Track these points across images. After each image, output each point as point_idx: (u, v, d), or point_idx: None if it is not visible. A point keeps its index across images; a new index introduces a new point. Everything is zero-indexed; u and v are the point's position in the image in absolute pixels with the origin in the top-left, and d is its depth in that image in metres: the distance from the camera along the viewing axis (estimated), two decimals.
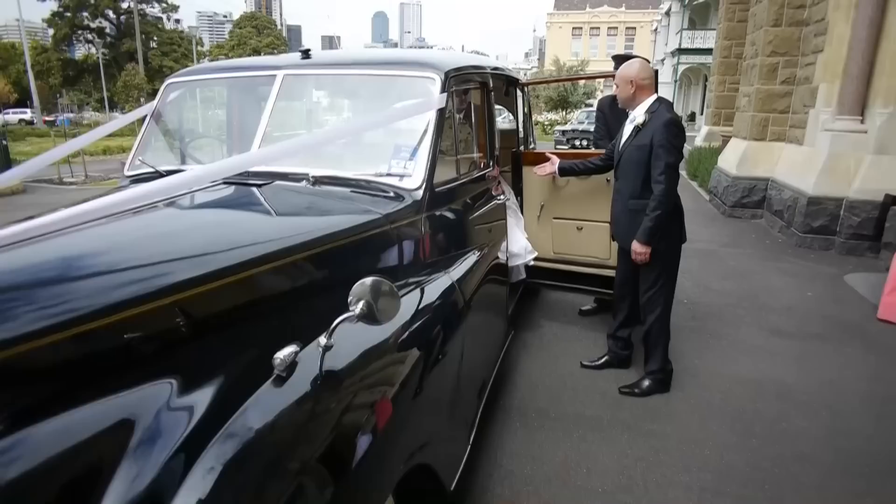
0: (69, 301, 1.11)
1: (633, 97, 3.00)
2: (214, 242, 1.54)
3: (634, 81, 2.95)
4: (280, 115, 2.47)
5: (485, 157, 2.94)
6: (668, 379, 3.29)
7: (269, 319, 1.44)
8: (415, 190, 2.13)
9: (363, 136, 2.44)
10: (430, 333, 1.72)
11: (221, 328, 1.36)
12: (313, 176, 2.17)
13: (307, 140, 2.05)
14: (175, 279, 1.28)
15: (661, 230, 2.92)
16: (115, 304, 1.14)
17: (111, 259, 1.36)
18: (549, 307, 4.52)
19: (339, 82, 2.56)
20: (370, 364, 1.37)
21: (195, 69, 2.73)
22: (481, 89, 2.87)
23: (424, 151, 2.19)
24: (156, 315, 1.20)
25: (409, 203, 2.09)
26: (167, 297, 1.23)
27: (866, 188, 6.01)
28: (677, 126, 2.89)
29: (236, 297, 1.42)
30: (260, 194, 2.02)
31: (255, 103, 2.48)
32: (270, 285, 1.51)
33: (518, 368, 3.47)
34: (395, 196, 2.11)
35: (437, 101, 2.25)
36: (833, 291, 5.06)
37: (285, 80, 2.43)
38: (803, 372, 3.51)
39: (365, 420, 1.24)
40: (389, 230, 1.96)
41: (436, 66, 2.35)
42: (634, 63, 3.02)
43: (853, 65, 6.12)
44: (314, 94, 2.71)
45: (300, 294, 1.59)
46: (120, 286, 1.20)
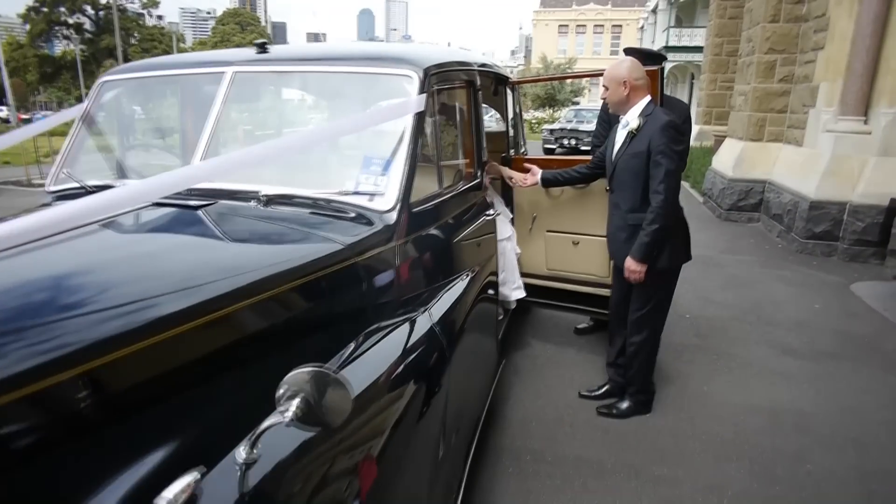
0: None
1: (626, 100, 2.67)
2: (113, 294, 1.16)
3: (628, 82, 2.62)
4: (230, 121, 2.10)
5: (472, 166, 2.58)
6: (650, 400, 3.04)
7: (177, 405, 1.07)
8: (387, 212, 1.77)
9: (326, 147, 2.06)
10: (402, 399, 1.37)
11: (116, 421, 0.99)
12: (265, 195, 1.80)
13: (257, 152, 1.68)
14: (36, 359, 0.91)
15: (660, 246, 2.61)
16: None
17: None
18: (541, 325, 4.18)
19: (300, 81, 2.18)
20: (312, 470, 1.01)
21: (133, 65, 2.34)
22: (467, 89, 2.51)
23: (399, 164, 1.83)
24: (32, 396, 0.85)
25: (380, 228, 1.73)
26: (37, 376, 0.87)
27: (871, 192, 5.74)
28: (676, 129, 2.57)
29: (136, 373, 1.05)
30: (193, 221, 1.64)
31: (201, 106, 2.10)
32: (181, 354, 1.13)
33: (509, 400, 3.12)
34: (362, 220, 1.75)
35: (415, 103, 1.89)
36: (841, 303, 4.78)
37: (236, 78, 2.05)
38: (821, 398, 3.21)
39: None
40: (354, 264, 1.60)
41: (413, 63, 1.98)
42: (625, 62, 2.69)
43: (857, 62, 5.84)
44: (271, 96, 2.33)
45: (226, 363, 1.22)
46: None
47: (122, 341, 1.02)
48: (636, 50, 3.34)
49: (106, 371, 0.98)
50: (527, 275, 3.51)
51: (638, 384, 2.98)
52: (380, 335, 1.53)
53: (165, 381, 1.09)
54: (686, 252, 2.78)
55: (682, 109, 3.50)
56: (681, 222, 2.74)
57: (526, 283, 3.44)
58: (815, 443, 2.77)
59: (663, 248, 2.64)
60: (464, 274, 2.19)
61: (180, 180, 1.55)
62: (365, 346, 1.46)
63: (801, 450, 2.72)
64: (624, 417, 2.96)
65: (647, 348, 2.90)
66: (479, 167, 2.59)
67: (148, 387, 1.08)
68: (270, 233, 1.65)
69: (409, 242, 1.82)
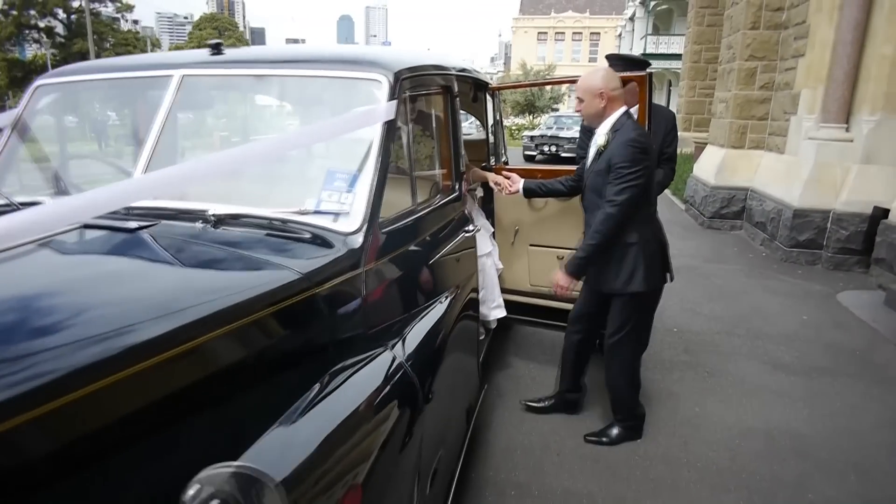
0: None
1: (602, 112, 2.47)
2: (30, 342, 0.94)
3: (605, 93, 2.43)
4: (177, 130, 1.88)
5: (449, 178, 2.38)
6: (640, 424, 2.87)
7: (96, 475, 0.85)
8: (353, 233, 1.56)
9: (285, 160, 1.85)
10: (371, 450, 1.17)
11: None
12: (214, 214, 1.59)
13: (205, 165, 1.47)
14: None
15: (631, 267, 2.45)
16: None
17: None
18: (524, 342, 3.98)
19: (258, 86, 1.96)
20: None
21: (72, 68, 2.10)
22: (444, 95, 2.32)
23: (367, 179, 1.63)
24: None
25: (344, 253, 1.52)
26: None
27: (854, 200, 5.69)
28: (640, 147, 2.36)
29: (31, 444, 0.83)
30: (126, 246, 1.42)
31: (145, 114, 1.87)
32: (90, 420, 0.91)
33: (492, 426, 2.92)
34: (324, 243, 1.54)
35: (385, 110, 1.69)
36: (829, 314, 4.68)
37: (185, 82, 1.83)
38: (817, 418, 3.06)
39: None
40: (314, 296, 1.39)
41: (383, 66, 1.78)
42: (599, 71, 2.51)
43: (838, 69, 5.80)
44: (225, 102, 2.11)
45: (152, 424, 1.00)
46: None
47: (12, 408, 0.81)
48: (619, 56, 3.19)
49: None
50: (509, 291, 3.33)
51: (623, 412, 2.82)
52: (340, 379, 1.32)
53: (61, 460, 0.87)
54: (663, 275, 2.59)
55: (668, 118, 3.41)
56: (657, 243, 2.54)
57: (508, 300, 3.26)
58: (814, 469, 2.62)
59: (636, 270, 2.46)
60: (441, 297, 1.99)
61: (117, 198, 1.33)
62: (323, 393, 1.26)
63: (802, 477, 2.56)
64: (613, 444, 2.78)
65: (625, 376, 2.74)
66: (457, 179, 2.40)
67: (43, 462, 0.86)
68: (217, 260, 1.43)
69: (379, 267, 1.62)
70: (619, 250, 2.47)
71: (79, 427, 0.89)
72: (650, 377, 3.48)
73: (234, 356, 1.21)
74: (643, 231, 2.48)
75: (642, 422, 2.87)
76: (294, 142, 1.63)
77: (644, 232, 2.48)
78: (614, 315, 2.62)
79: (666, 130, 3.40)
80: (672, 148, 3.49)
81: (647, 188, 2.44)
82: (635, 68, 3.02)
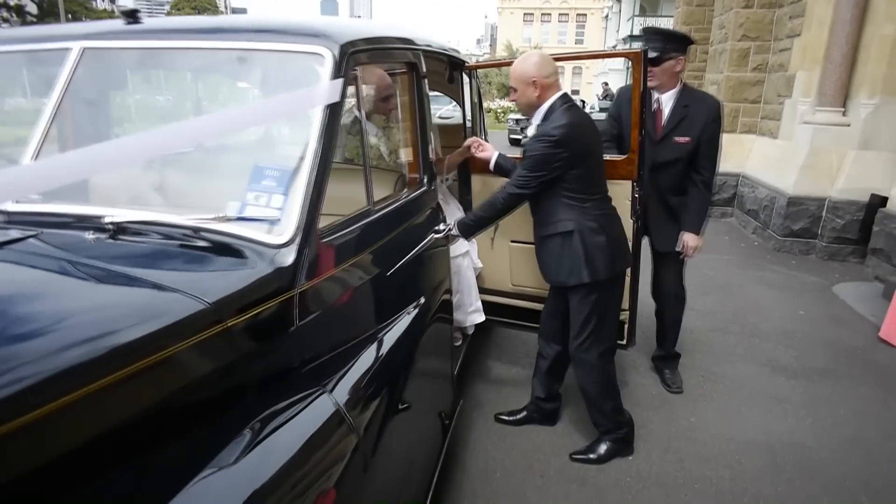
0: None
1: (537, 101, 2.23)
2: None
3: (538, 81, 2.18)
4: (77, 113, 1.54)
5: (416, 170, 2.07)
6: (630, 437, 2.61)
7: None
8: (283, 246, 1.25)
9: (203, 153, 1.52)
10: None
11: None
12: (113, 221, 1.26)
13: (104, 155, 1.15)
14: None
15: (571, 258, 2.27)
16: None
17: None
18: (506, 344, 3.70)
19: (176, 61, 1.61)
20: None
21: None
22: (408, 73, 1.99)
23: (303, 177, 1.31)
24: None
25: (271, 272, 1.21)
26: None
27: (850, 187, 5.46)
28: (549, 139, 2.13)
29: None
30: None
31: (38, 93, 1.53)
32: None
33: (469, 442, 2.64)
34: (246, 259, 1.23)
35: (327, 91, 1.37)
36: (826, 308, 4.46)
37: (85, 57, 1.50)
38: (821, 428, 2.83)
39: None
40: (228, 330, 1.08)
41: (326, 37, 1.46)
42: (533, 56, 2.24)
43: (836, 50, 5.53)
44: (137, 80, 1.77)
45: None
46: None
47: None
48: (656, 30, 2.82)
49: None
50: (489, 291, 3.04)
51: (605, 424, 2.54)
52: (255, 436, 1.03)
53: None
54: (612, 264, 2.30)
55: (709, 107, 2.81)
56: (601, 233, 2.26)
57: (488, 300, 2.97)
58: (822, 490, 2.38)
59: (577, 260, 2.25)
60: (403, 313, 1.69)
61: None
62: (231, 462, 0.96)
63: (809, 500, 2.33)
64: (602, 462, 2.52)
65: (596, 383, 2.46)
66: (426, 170, 2.08)
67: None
68: (97, 287, 1.11)
69: (318, 287, 1.31)
70: (554, 240, 2.30)
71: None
72: (640, 381, 3.23)
73: (120, 412, 0.91)
74: (582, 220, 2.24)
75: (631, 432, 2.61)
76: (210, 129, 1.31)
77: (583, 221, 2.24)
78: (573, 315, 2.39)
79: (705, 123, 2.75)
80: (710, 152, 2.81)
81: (587, 177, 2.23)
82: (676, 44, 2.73)
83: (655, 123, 2.84)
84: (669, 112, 2.82)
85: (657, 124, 2.85)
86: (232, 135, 1.45)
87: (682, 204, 2.90)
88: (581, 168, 2.20)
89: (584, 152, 2.19)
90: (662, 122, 2.84)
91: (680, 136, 2.79)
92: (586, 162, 2.21)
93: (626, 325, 2.81)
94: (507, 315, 3.08)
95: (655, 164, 2.83)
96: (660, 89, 2.83)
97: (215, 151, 1.54)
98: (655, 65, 2.72)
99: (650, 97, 2.83)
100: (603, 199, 2.33)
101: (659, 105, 2.85)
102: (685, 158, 2.81)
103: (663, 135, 2.82)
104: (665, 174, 2.86)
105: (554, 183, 2.21)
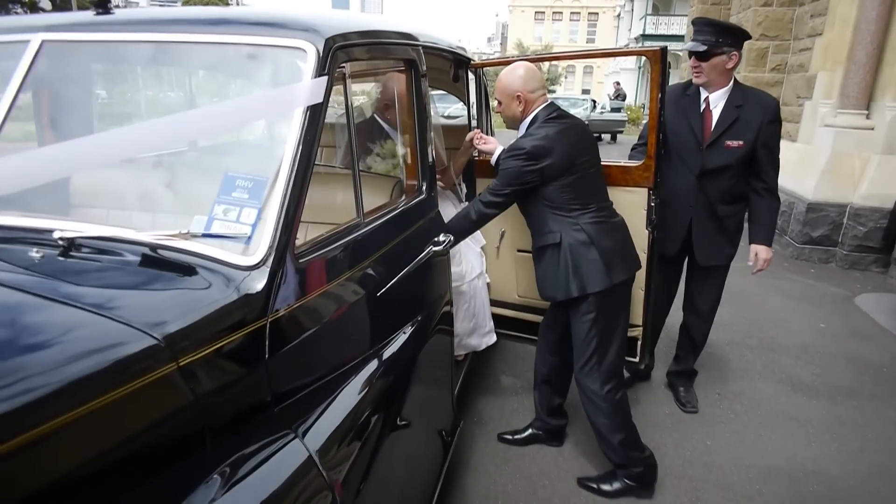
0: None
1: (521, 115, 2.11)
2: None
3: (522, 95, 2.07)
4: (37, 111, 1.39)
5: (414, 176, 1.91)
6: (650, 477, 2.34)
7: None
8: (254, 268, 1.09)
9: (169, 157, 1.37)
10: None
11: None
12: (64, 237, 1.11)
13: (55, 159, 1.01)
14: None
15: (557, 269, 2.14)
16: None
17: None
18: (511, 355, 3.53)
19: (145, 56, 1.45)
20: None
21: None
22: (406, 72, 1.83)
23: (279, 188, 1.15)
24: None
25: (237, 299, 1.05)
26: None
27: (874, 193, 5.23)
28: (519, 152, 2.01)
29: None
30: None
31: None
32: None
33: (470, 465, 2.48)
34: (211, 284, 1.07)
35: (309, 90, 1.21)
36: (847, 321, 4.25)
37: (46, 50, 1.35)
38: (847, 455, 2.64)
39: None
40: (183, 369, 0.93)
41: (310, 30, 1.30)
42: (519, 68, 2.10)
43: (860, 50, 5.30)
44: (105, 77, 1.61)
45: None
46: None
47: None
48: (708, 21, 2.51)
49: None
50: (494, 303, 2.87)
51: (615, 458, 2.30)
52: (215, 490, 0.87)
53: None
54: (616, 269, 2.11)
55: (766, 107, 2.54)
56: (594, 247, 2.08)
57: (493, 312, 2.81)
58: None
59: (566, 275, 2.10)
60: (398, 334, 1.53)
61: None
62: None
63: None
64: (612, 497, 2.31)
65: (603, 417, 2.22)
66: (425, 177, 1.92)
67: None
68: (35, 315, 0.96)
69: (293, 314, 1.15)
70: (544, 252, 2.17)
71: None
72: (652, 399, 3.05)
73: (54, 470, 0.77)
74: (570, 232, 2.09)
75: (653, 472, 2.34)
76: (177, 133, 1.15)
77: (571, 233, 2.09)
78: (574, 337, 2.23)
79: (761, 125, 2.50)
80: (772, 157, 2.56)
81: (572, 189, 2.07)
82: (730, 37, 2.45)
83: (704, 126, 2.57)
84: (720, 113, 2.55)
85: (706, 127, 2.57)
86: (200, 139, 1.29)
87: (733, 214, 2.67)
88: (562, 181, 2.05)
89: (564, 165, 2.03)
90: (712, 125, 2.57)
91: (732, 140, 2.52)
92: (569, 174, 2.05)
93: (640, 341, 2.64)
94: (512, 328, 2.92)
95: (704, 170, 2.58)
96: (708, 87, 2.56)
97: (182, 157, 1.39)
98: (704, 60, 2.47)
99: (699, 96, 2.60)
100: (599, 209, 2.14)
101: (708, 105, 2.58)
102: (738, 164, 2.55)
103: (713, 138, 2.55)
104: (714, 182, 2.60)
105: (535, 195, 2.08)
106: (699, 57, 2.48)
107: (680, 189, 2.63)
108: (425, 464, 1.71)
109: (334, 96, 1.33)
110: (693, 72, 2.56)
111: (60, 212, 1.25)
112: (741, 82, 2.64)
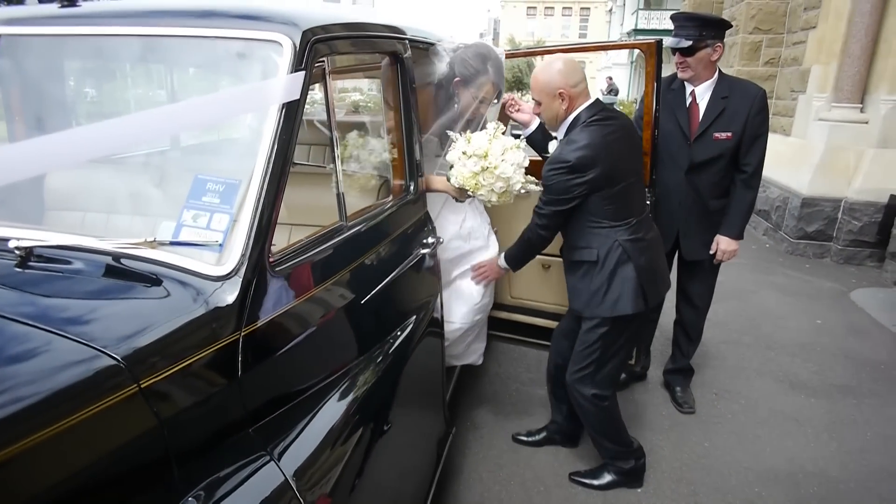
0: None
1: (565, 114, 1.97)
2: None
3: (565, 92, 1.92)
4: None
5: (401, 175, 1.83)
6: (639, 469, 2.34)
7: None
8: (225, 278, 1.02)
9: (136, 158, 1.29)
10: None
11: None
12: (20, 246, 1.03)
13: (13, 157, 0.93)
14: None
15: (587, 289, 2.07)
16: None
17: None
18: (504, 357, 3.45)
19: (109, 51, 1.37)
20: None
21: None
22: (392, 66, 1.75)
23: (253, 192, 1.07)
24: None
25: (207, 313, 0.98)
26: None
27: (868, 188, 5.19)
28: (561, 167, 1.88)
29: None
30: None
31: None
32: None
33: (463, 472, 2.42)
34: (178, 296, 0.99)
35: (285, 86, 1.14)
36: (844, 316, 4.21)
37: (5, 45, 1.26)
38: (846, 455, 2.60)
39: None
40: (139, 392, 0.85)
41: (286, 22, 1.22)
42: (556, 63, 1.96)
43: (854, 43, 5.25)
44: (70, 73, 1.53)
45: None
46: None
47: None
48: (688, 16, 2.47)
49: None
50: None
51: (608, 453, 2.31)
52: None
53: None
54: (636, 301, 2.01)
55: (752, 96, 2.48)
56: (631, 265, 1.99)
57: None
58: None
59: (597, 293, 2.03)
60: (384, 343, 1.46)
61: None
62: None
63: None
64: (604, 490, 2.31)
65: (590, 420, 2.23)
66: (412, 175, 1.84)
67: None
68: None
69: (267, 328, 1.07)
70: (579, 267, 2.07)
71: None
72: (649, 400, 3.00)
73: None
74: (609, 250, 1.99)
75: (641, 464, 2.35)
76: (142, 131, 1.07)
77: (608, 252, 1.99)
78: (578, 340, 2.16)
79: (748, 115, 2.46)
80: (755, 147, 2.51)
81: (615, 201, 1.96)
82: (713, 30, 2.41)
83: (690, 119, 2.55)
84: (707, 105, 2.52)
85: (692, 120, 2.55)
86: (168, 138, 1.21)
87: (723, 207, 2.63)
88: (607, 192, 1.93)
89: (610, 175, 1.91)
90: (699, 118, 2.54)
91: (720, 132, 2.48)
92: (614, 185, 1.93)
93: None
94: (504, 329, 2.86)
95: (692, 165, 2.55)
96: (693, 81, 2.53)
97: (152, 158, 1.31)
98: (689, 55, 2.44)
99: (684, 90, 2.56)
100: (639, 224, 2.03)
101: (694, 98, 2.55)
102: (727, 156, 2.51)
103: (701, 131, 2.52)
104: (704, 175, 2.56)
105: (578, 209, 1.98)
106: (684, 52, 2.45)
107: (670, 185, 2.60)
108: (415, 475, 1.64)
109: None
110: (679, 67, 2.53)
111: (27, 217, 1.17)
112: (726, 73, 2.60)
